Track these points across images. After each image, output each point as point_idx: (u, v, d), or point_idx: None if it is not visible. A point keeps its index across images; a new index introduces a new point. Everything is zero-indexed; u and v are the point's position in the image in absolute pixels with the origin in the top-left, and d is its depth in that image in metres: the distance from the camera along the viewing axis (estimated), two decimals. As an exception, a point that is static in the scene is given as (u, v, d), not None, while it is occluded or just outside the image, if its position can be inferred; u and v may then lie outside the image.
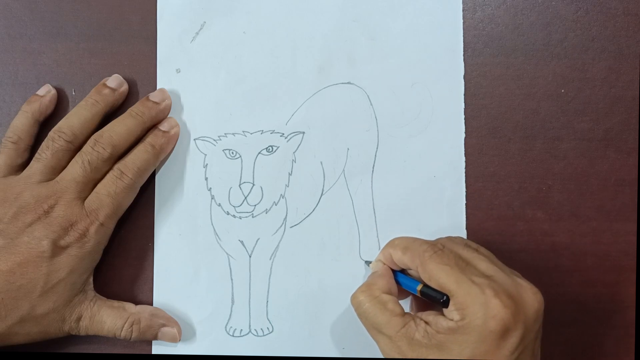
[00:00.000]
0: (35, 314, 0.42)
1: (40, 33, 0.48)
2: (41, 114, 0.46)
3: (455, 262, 0.40)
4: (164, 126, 0.46)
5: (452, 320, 0.38)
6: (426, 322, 0.39)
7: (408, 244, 0.42)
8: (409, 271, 0.43)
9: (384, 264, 0.44)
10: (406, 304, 0.45)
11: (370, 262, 0.45)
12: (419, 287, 0.41)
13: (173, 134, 0.46)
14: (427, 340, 0.39)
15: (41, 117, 0.46)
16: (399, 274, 0.43)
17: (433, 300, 0.39)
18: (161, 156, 0.46)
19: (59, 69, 0.47)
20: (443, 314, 0.39)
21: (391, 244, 0.43)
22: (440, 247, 0.41)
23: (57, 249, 0.42)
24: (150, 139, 0.45)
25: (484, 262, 0.40)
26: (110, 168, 0.44)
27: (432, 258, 0.40)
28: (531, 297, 0.39)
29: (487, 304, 0.37)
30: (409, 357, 0.39)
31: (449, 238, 0.43)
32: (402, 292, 0.43)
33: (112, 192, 0.43)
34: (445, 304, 0.39)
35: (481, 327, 0.37)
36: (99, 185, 0.44)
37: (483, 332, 0.37)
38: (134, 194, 0.45)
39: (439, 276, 0.39)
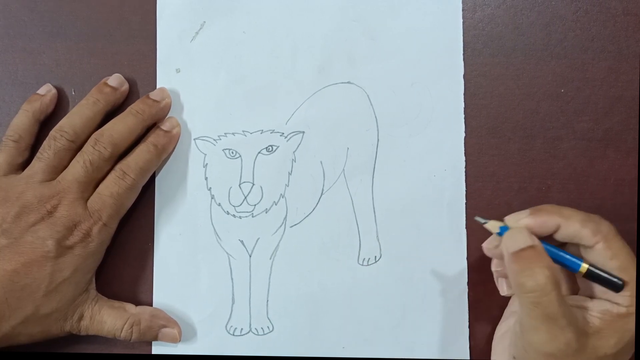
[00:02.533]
0: (39, 314, 0.42)
1: (40, 33, 0.48)
2: (42, 113, 0.46)
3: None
4: (165, 126, 0.46)
5: (622, 305, 0.36)
6: (584, 308, 0.37)
7: (584, 216, 0.38)
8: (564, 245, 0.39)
9: (531, 234, 0.37)
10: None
11: (486, 222, 0.39)
12: (585, 266, 0.37)
13: (175, 133, 0.46)
14: (588, 328, 0.37)
15: (42, 116, 0.46)
16: (556, 249, 0.38)
17: (603, 282, 0.37)
18: (163, 156, 0.46)
19: (58, 68, 0.47)
20: (599, 298, 0.37)
21: (560, 213, 0.38)
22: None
23: (61, 249, 0.42)
24: (152, 138, 0.45)
25: None
26: (112, 167, 0.44)
27: (618, 236, 0.37)
28: None
29: None
30: (574, 346, 0.36)
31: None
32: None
33: (115, 192, 0.43)
34: (619, 288, 0.36)
35: None
36: (101, 186, 0.44)
37: None
38: (136, 194, 0.45)
39: (624, 257, 0.37)
